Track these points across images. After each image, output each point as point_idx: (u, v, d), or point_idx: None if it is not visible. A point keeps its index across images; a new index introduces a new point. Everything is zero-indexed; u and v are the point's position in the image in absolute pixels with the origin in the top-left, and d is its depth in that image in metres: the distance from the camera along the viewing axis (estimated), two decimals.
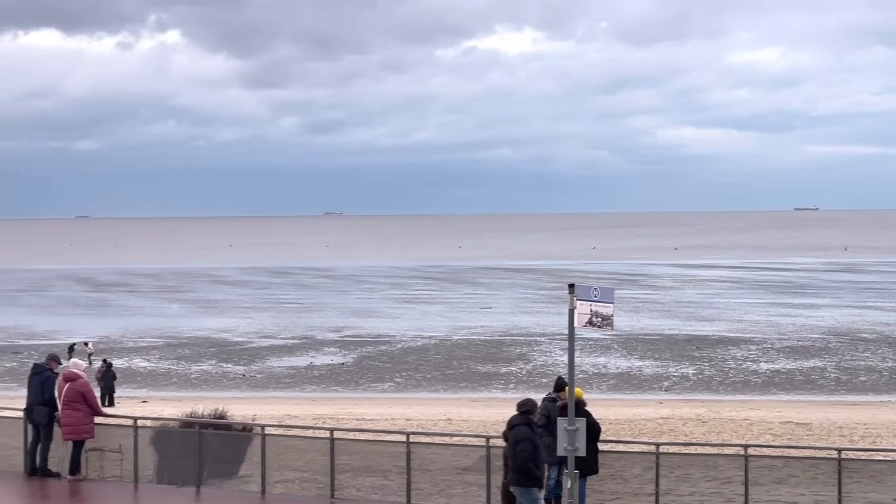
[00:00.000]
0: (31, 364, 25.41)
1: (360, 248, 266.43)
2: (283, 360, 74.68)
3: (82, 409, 23.27)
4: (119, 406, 50.89)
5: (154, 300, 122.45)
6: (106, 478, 23.67)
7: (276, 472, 23.01)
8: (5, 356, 76.79)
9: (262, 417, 35.38)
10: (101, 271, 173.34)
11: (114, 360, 65.99)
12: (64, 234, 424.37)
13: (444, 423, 45.96)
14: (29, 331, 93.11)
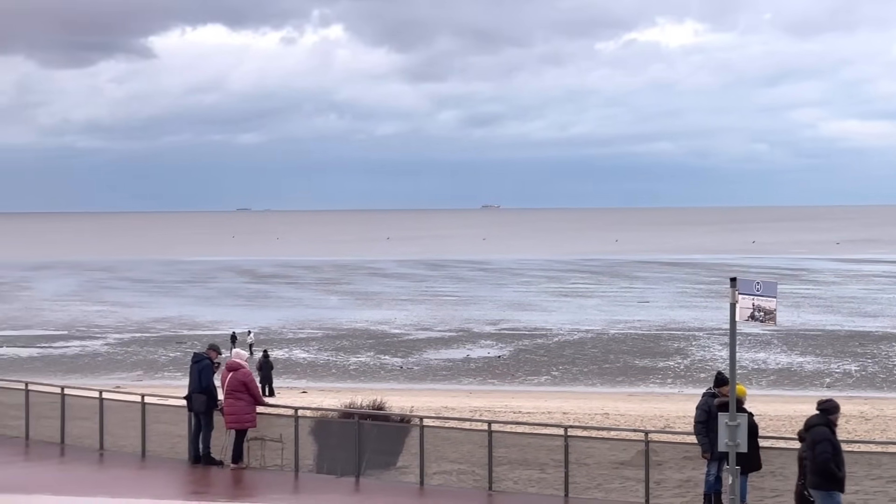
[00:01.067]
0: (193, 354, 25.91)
1: (516, 241, 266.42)
2: (440, 352, 75.03)
3: (244, 399, 23.61)
4: (279, 396, 51.64)
5: (313, 292, 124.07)
6: (267, 467, 24.01)
7: (434, 464, 23.08)
8: (169, 346, 78.57)
9: (420, 409, 35.58)
10: (262, 263, 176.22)
11: (274, 351, 67.06)
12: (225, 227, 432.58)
13: (601, 417, 45.70)
14: (192, 321, 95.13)
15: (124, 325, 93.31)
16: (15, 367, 67.59)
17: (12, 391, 28.11)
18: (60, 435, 26.33)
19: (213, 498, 21.89)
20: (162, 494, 21.82)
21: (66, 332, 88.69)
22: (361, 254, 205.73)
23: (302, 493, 22.45)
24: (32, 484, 22.50)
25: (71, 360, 72.70)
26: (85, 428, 26.35)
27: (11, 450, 26.11)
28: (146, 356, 74.35)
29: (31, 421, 26.87)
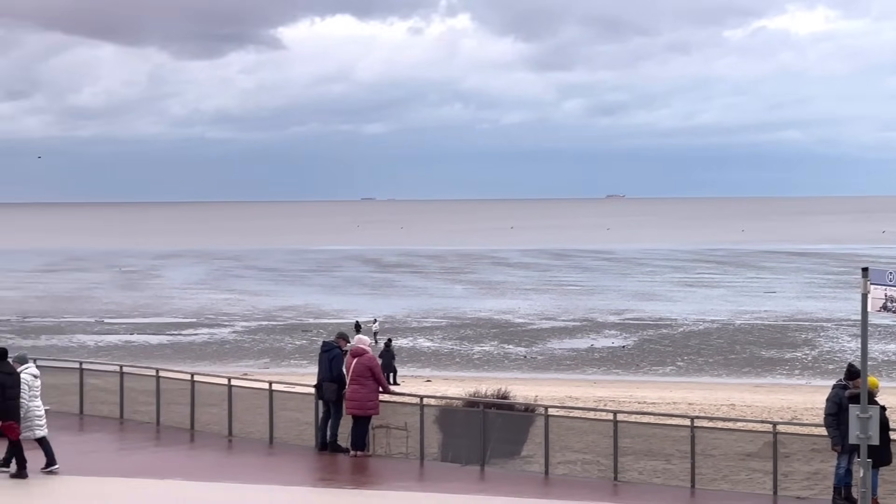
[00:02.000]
0: (320, 342, 26.14)
1: (641, 230, 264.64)
2: (564, 342, 74.85)
3: (368, 385, 23.77)
4: (403, 385, 51.94)
5: (437, 281, 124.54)
6: (392, 454, 24.17)
7: (558, 453, 23.06)
8: (295, 334, 79.46)
9: (544, 398, 35.53)
10: (386, 252, 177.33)
11: (398, 340, 67.43)
12: (350, 216, 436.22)
13: (726, 409, 45.25)
14: (317, 310, 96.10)
15: (251, 313, 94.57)
16: (145, 353, 68.92)
17: (144, 378, 28.66)
18: (190, 421, 26.77)
19: (340, 485, 22.12)
20: (289, 481, 22.08)
21: (194, 319, 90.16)
22: (485, 243, 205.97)
23: (427, 481, 22.57)
24: (163, 469, 22.93)
25: (199, 348, 73.90)
26: (213, 414, 26.78)
27: (143, 435, 26.63)
28: (272, 344, 75.27)
29: (161, 407, 27.36)
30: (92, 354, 65.68)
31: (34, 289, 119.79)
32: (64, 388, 29.38)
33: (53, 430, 26.15)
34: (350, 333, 26.61)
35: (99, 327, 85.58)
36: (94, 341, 76.95)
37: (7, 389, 21.60)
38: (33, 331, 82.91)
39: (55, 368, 30.50)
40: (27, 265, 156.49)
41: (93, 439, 26.51)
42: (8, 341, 75.62)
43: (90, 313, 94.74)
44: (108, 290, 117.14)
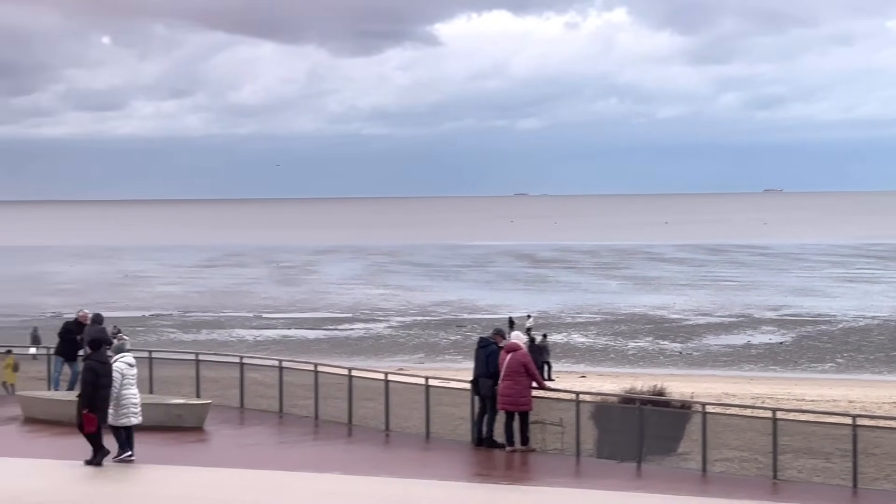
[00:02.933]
0: (475, 337, 26.26)
1: (799, 225, 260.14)
2: (720, 338, 74.01)
3: (521, 381, 23.82)
4: (557, 380, 51.87)
5: (591, 276, 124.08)
6: (547, 450, 24.18)
7: (715, 451, 22.83)
8: (450, 329, 79.88)
9: (700, 395, 35.21)
10: (540, 248, 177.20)
11: (552, 335, 67.33)
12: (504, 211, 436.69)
13: (889, 407, 44.32)
14: (472, 305, 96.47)
15: (406, 308, 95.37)
16: (303, 348, 69.98)
17: (302, 372, 29.09)
18: (348, 415, 27.12)
19: (495, 480, 22.21)
20: (446, 476, 22.24)
21: (350, 315, 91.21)
22: (639, 238, 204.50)
23: (583, 477, 22.54)
24: (323, 462, 23.27)
25: (355, 343, 74.75)
26: (370, 409, 27.07)
27: (302, 429, 27.05)
28: (427, 339, 75.81)
29: (319, 401, 27.75)
30: (251, 349, 66.92)
31: (195, 284, 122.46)
32: (224, 383, 30.00)
33: (215, 424, 26.83)
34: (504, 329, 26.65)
35: (257, 322, 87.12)
36: (252, 336, 78.37)
37: (100, 378, 22.24)
38: (194, 325, 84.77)
39: (216, 363, 31.18)
40: (188, 261, 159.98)
41: (253, 433, 27.02)
42: (170, 335, 77.59)
43: (249, 308, 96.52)
44: (266, 286, 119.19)
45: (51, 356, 31.24)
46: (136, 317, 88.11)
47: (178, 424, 26.46)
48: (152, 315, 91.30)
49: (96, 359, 22.51)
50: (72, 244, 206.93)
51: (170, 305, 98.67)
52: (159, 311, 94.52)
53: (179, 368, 31.21)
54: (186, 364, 31.04)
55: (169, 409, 26.84)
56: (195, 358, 30.47)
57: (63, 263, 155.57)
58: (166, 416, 26.63)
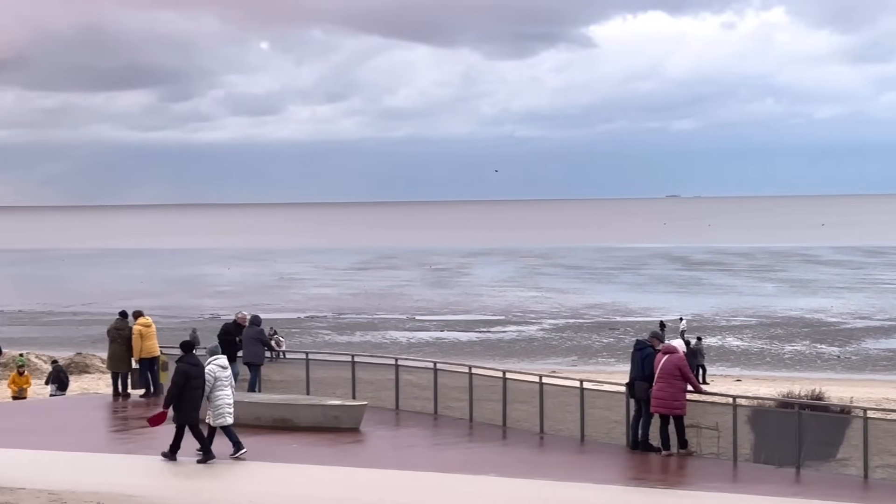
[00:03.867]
0: (627, 340, 26.14)
1: None
2: (880, 341, 72.47)
3: (676, 384, 23.63)
4: (712, 384, 51.31)
5: (746, 279, 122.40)
6: (703, 454, 23.94)
7: (876, 457, 22.37)
8: (602, 332, 79.52)
9: (860, 400, 34.48)
10: (693, 250, 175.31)
11: (707, 339, 66.56)
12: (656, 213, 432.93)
13: None
14: (625, 308, 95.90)
15: (558, 310, 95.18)
16: (455, 350, 70.33)
17: (456, 374, 29.24)
18: (502, 417, 27.17)
19: (651, 484, 22.06)
20: (601, 479, 22.16)
21: (503, 317, 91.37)
22: (795, 240, 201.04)
23: (740, 482, 22.25)
24: (477, 464, 23.36)
25: (508, 345, 74.85)
26: (524, 411, 27.08)
27: (456, 431, 27.20)
28: (580, 342, 75.57)
29: (473, 403, 27.86)
30: (404, 351, 67.46)
31: (349, 286, 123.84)
32: (379, 384, 30.30)
33: (371, 425, 27.11)
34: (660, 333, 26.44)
35: (410, 324, 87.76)
36: (405, 338, 78.98)
37: (192, 379, 22.85)
38: (348, 327, 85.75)
39: (371, 364, 31.51)
40: (342, 263, 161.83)
41: (408, 434, 27.24)
42: (325, 337, 78.64)
43: (402, 310, 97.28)
44: (419, 288, 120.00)
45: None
46: (292, 318, 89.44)
47: (335, 425, 26.82)
48: (307, 317, 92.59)
49: (188, 361, 23.23)
50: (229, 247, 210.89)
51: (324, 307, 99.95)
52: (314, 313, 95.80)
53: (335, 370, 31.60)
54: (342, 366, 31.41)
55: (326, 410, 27.21)
56: (351, 360, 30.83)
57: (221, 266, 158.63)
58: (323, 417, 27.02)
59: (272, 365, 32.44)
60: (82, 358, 59.76)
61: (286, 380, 31.82)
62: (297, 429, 26.73)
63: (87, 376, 55.93)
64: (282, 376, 32.16)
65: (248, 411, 27.34)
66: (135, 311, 32.20)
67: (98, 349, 60.45)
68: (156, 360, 32.08)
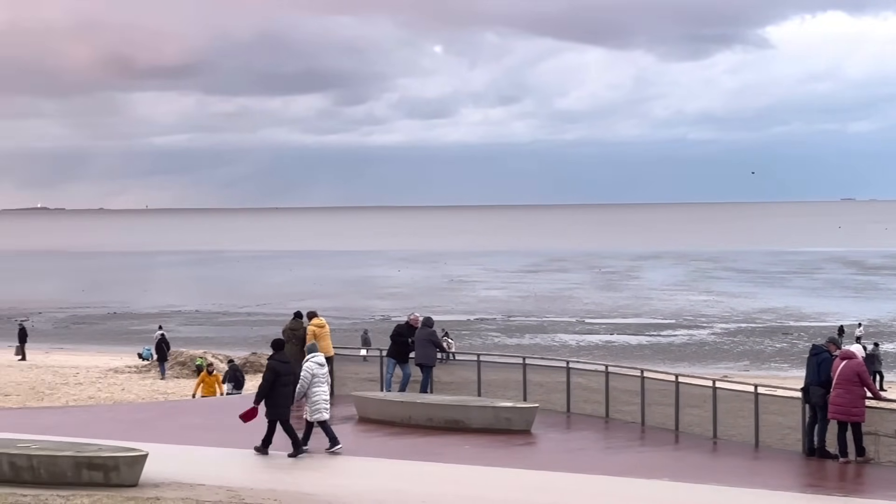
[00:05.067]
0: (801, 345, 25.72)
1: None
2: None
3: (854, 391, 23.17)
4: (889, 390, 50.05)
5: None
6: (882, 462, 23.42)
7: None
8: (775, 337, 78.25)
9: None
10: (870, 254, 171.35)
11: (884, 345, 65.03)
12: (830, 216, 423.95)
13: None
14: (798, 312, 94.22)
15: (730, 315, 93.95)
16: (625, 354, 69.90)
17: (627, 378, 29.09)
18: (674, 422, 26.95)
19: (828, 492, 21.66)
20: (775, 486, 21.83)
21: (673, 321, 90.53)
22: None
23: None
24: (649, 469, 23.21)
25: (678, 349, 74.15)
26: (696, 416, 26.83)
27: (628, 434, 27.07)
28: (752, 346, 74.48)
29: (645, 407, 27.69)
30: (573, 353, 67.28)
31: (518, 288, 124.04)
32: (550, 387, 30.28)
33: (542, 427, 27.14)
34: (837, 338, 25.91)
35: (580, 327, 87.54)
36: (575, 341, 78.81)
37: (281, 376, 23.57)
38: (517, 329, 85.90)
39: (542, 367, 31.51)
40: (512, 265, 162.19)
41: (579, 437, 27.22)
42: (494, 339, 78.90)
43: (571, 313, 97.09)
44: (588, 291, 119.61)
45: (382, 358, 32.24)
46: (462, 321, 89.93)
47: (507, 427, 26.90)
48: (476, 319, 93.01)
49: (278, 359, 23.94)
50: (400, 249, 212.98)
51: (493, 310, 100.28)
52: (483, 315, 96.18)
53: (505, 372, 31.68)
54: (512, 368, 31.48)
55: (498, 412, 27.32)
56: (522, 362, 30.88)
57: (391, 268, 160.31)
58: (495, 418, 27.13)
59: (443, 366, 32.67)
60: (257, 357, 60.89)
61: (456, 381, 32.01)
62: (468, 430, 26.90)
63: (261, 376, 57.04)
64: (452, 378, 32.35)
65: (420, 412, 27.64)
66: (309, 311, 32.71)
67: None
68: (330, 360, 32.53)
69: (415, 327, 30.94)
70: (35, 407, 41.68)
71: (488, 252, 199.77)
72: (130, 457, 20.55)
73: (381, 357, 32.50)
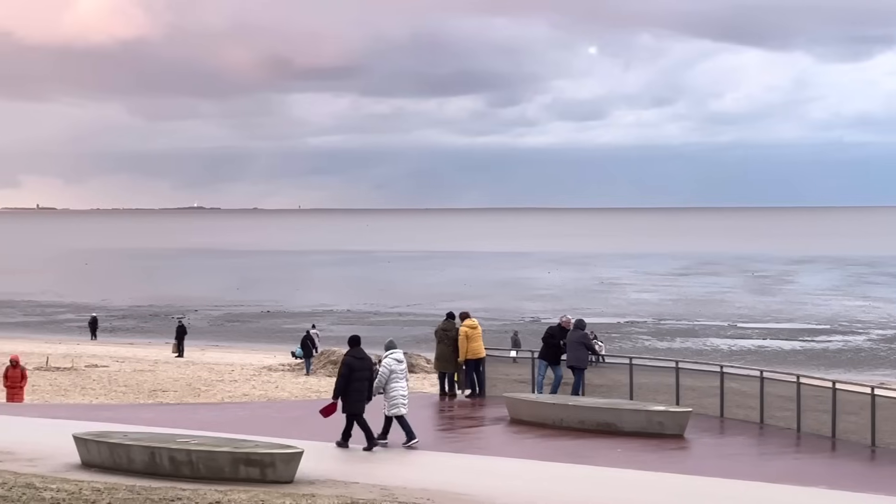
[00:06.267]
0: None
1: None
2: None
3: None
4: None
5: None
6: None
7: None
8: None
9: None
10: None
11: None
12: None
13: None
14: None
15: (887, 321, 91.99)
16: (779, 359, 68.87)
17: (781, 383, 28.63)
18: (831, 428, 26.46)
19: None
20: None
21: (827, 326, 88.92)
22: None
23: None
24: (805, 476, 22.82)
25: (833, 355, 72.79)
26: (853, 423, 26.31)
27: (783, 441, 26.65)
28: None
29: (800, 413, 27.24)
30: (725, 358, 66.52)
31: (669, 292, 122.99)
32: (702, 391, 29.98)
33: (695, 432, 26.88)
34: None
35: (732, 331, 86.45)
36: (727, 345, 77.86)
37: (354, 372, 23.96)
38: (668, 333, 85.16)
39: (695, 371, 31.19)
40: (662, 268, 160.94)
41: (733, 442, 26.89)
42: (645, 343, 78.34)
43: (723, 317, 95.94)
44: (741, 295, 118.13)
45: (534, 360, 32.24)
46: (612, 323, 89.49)
47: (659, 431, 26.70)
48: (627, 322, 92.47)
49: (353, 355, 24.28)
50: (550, 250, 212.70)
51: (644, 313, 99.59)
52: (634, 318, 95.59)
53: (657, 375, 31.45)
54: (664, 371, 31.23)
55: (650, 415, 27.13)
56: (675, 366, 30.61)
57: (542, 269, 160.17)
58: (647, 422, 26.95)
59: (594, 369, 32.55)
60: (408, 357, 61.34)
61: (607, 384, 31.87)
62: (620, 433, 26.77)
63: (413, 375, 57.36)
64: (603, 380, 32.22)
65: (572, 414, 27.59)
66: (461, 312, 32.87)
67: (423, 349, 62.08)
68: (481, 361, 32.67)
69: (566, 329, 30.89)
70: (192, 403, 42.58)
71: (639, 254, 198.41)
72: (286, 454, 20.86)
73: (532, 358, 32.50)
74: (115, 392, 47.67)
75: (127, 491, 18.59)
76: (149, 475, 20.71)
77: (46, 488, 18.45)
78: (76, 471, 21.11)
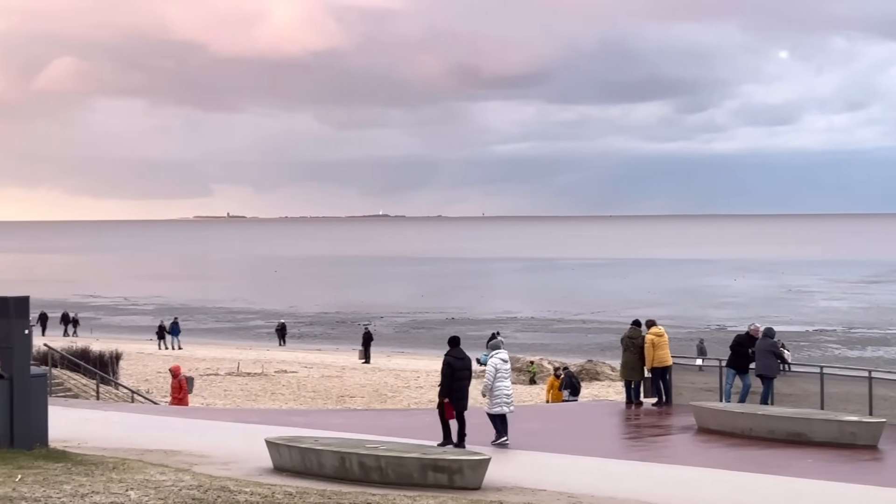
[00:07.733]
0: None
1: None
2: None
3: None
4: None
5: None
6: None
7: None
8: None
9: None
10: None
11: None
12: None
13: None
14: None
15: None
16: None
17: None
18: None
19: None
20: None
21: None
22: None
23: None
24: None
25: None
26: None
27: None
28: None
29: None
30: None
31: (860, 300, 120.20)
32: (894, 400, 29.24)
33: (889, 443, 26.24)
34: None
35: None
36: None
37: (456, 371, 24.34)
38: (858, 341, 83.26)
39: (889, 381, 30.42)
40: (854, 276, 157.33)
41: None
42: (834, 351, 76.67)
43: None
44: None
45: (721, 368, 31.86)
46: (800, 332, 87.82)
47: (851, 442, 26.13)
48: (815, 330, 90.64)
49: (453, 355, 24.57)
50: (737, 258, 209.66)
51: (833, 321, 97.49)
52: (823, 326, 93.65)
53: (847, 385, 30.77)
54: (855, 381, 30.54)
55: (842, 426, 26.57)
56: (868, 375, 29.91)
57: (728, 277, 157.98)
58: (839, 432, 26.40)
59: (782, 378, 32.01)
60: (593, 365, 61.22)
61: (796, 393, 31.31)
62: (810, 443, 26.27)
63: (598, 383, 57.26)
64: (792, 389, 31.66)
65: (761, 424, 27.19)
66: (648, 320, 32.69)
67: (607, 357, 61.83)
68: (668, 369, 32.43)
69: (755, 338, 30.46)
70: (379, 409, 43.14)
71: (828, 261, 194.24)
72: (474, 460, 21.00)
73: (719, 367, 32.13)
74: (304, 397, 48.62)
75: (318, 495, 18.93)
76: (339, 480, 21.04)
77: (240, 491, 18.91)
78: (268, 475, 21.59)
